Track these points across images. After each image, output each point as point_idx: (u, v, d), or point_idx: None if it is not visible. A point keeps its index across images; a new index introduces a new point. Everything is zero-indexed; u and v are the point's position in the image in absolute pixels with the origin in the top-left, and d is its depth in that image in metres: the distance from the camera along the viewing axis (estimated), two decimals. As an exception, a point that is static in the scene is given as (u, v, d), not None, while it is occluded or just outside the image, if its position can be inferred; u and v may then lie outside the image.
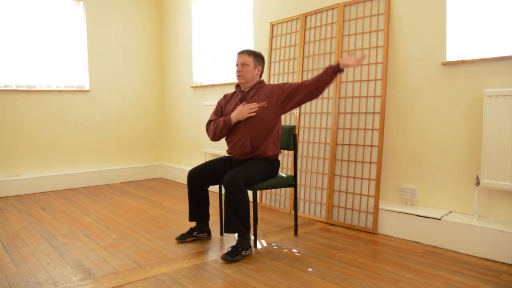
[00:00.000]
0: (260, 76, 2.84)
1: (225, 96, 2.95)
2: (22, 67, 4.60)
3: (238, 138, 2.74)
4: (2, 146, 4.50)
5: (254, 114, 2.65)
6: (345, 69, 2.59)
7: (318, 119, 3.40)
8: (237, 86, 2.87)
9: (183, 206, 3.84)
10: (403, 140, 2.96)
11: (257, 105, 2.67)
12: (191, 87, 5.12)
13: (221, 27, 4.66)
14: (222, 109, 2.91)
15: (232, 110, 2.79)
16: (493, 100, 2.41)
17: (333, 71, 2.57)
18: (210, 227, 2.98)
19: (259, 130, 2.67)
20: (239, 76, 2.76)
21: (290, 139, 2.91)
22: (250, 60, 2.75)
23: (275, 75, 3.82)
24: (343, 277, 2.20)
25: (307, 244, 2.76)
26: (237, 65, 2.77)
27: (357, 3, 3.16)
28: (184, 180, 4.78)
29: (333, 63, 3.29)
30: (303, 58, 3.55)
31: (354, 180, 3.12)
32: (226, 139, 2.87)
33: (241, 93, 2.82)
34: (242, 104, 2.72)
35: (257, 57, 2.79)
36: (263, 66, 2.83)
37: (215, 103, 4.48)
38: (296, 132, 3.01)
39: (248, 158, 2.72)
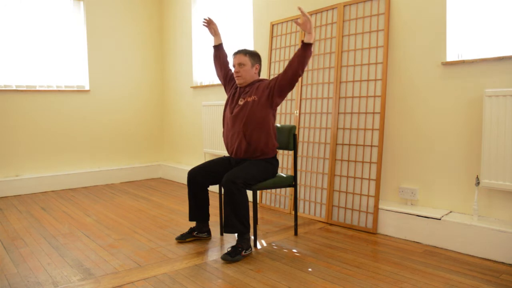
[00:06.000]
0: (259, 75, 2.84)
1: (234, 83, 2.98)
2: (22, 67, 4.61)
3: (232, 133, 2.74)
4: (2, 146, 4.50)
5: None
6: (310, 39, 2.52)
7: (318, 119, 3.40)
8: None
9: (183, 206, 3.84)
10: (403, 140, 2.96)
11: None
12: (191, 87, 5.12)
13: (221, 27, 4.65)
14: (229, 78, 2.97)
15: (230, 105, 2.80)
16: (493, 100, 2.41)
17: (302, 47, 2.54)
18: (210, 227, 2.98)
19: (252, 125, 2.66)
20: (237, 77, 2.75)
21: (290, 139, 2.91)
22: (246, 59, 2.74)
23: (275, 75, 3.81)
24: (343, 277, 2.20)
25: (307, 244, 2.76)
26: (234, 66, 2.76)
27: (357, 3, 3.16)
28: (184, 180, 4.78)
29: (333, 63, 3.30)
30: (303, 58, 3.55)
31: (354, 180, 3.12)
32: (223, 135, 2.88)
33: (239, 89, 2.83)
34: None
35: (253, 55, 2.78)
36: (260, 64, 2.82)
37: (215, 103, 4.52)
38: (296, 132, 3.01)
39: (246, 158, 2.72)
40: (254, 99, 2.68)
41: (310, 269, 2.31)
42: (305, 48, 2.54)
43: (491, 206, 2.54)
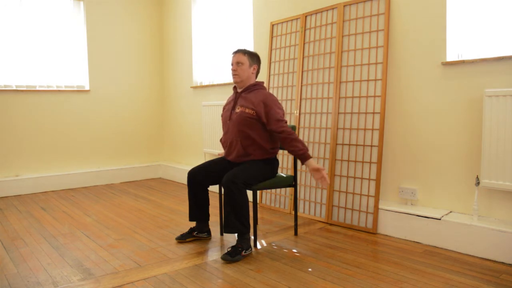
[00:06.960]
0: (256, 76, 2.84)
1: (229, 98, 2.99)
2: (22, 67, 4.60)
3: (230, 140, 2.76)
4: (2, 146, 4.50)
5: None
6: (306, 164, 2.58)
7: (318, 119, 3.40)
8: (234, 87, 2.87)
9: (183, 206, 3.84)
10: (403, 140, 2.96)
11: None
12: (191, 87, 5.12)
13: (221, 27, 4.66)
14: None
15: (226, 112, 2.82)
16: (493, 100, 2.41)
17: (299, 157, 2.59)
18: (210, 227, 2.98)
19: (249, 135, 2.67)
20: (234, 75, 2.76)
21: (290, 139, 2.91)
22: (245, 58, 2.74)
23: (275, 75, 3.82)
24: (343, 277, 2.20)
25: (307, 244, 2.76)
26: (232, 64, 2.77)
27: (357, 3, 3.16)
28: (184, 180, 4.78)
29: (333, 63, 3.30)
30: (303, 58, 3.55)
31: (354, 180, 3.12)
32: (221, 140, 2.89)
33: (236, 94, 2.83)
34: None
35: (252, 56, 2.78)
36: (258, 65, 2.82)
37: (215, 103, 4.52)
38: (296, 132, 3.01)
39: (244, 161, 2.72)
40: (252, 114, 2.67)
41: (310, 269, 2.31)
42: (299, 159, 2.62)
43: (491, 206, 2.54)
